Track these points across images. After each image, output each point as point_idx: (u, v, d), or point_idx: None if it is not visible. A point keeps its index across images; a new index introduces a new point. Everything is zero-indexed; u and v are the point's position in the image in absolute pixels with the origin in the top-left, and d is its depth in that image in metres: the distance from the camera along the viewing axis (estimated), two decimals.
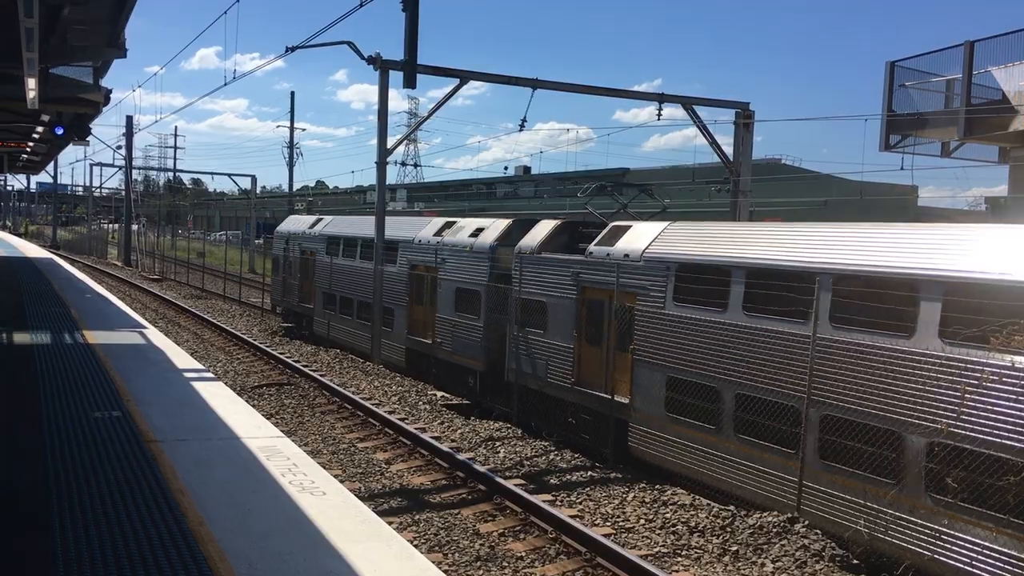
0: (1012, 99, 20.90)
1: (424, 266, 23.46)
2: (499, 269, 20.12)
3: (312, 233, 31.64)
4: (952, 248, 10.93)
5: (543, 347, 17.91)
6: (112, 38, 13.99)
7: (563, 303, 17.38)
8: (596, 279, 16.51)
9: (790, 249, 13.06)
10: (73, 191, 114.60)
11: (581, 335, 16.93)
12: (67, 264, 40.55)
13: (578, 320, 16.96)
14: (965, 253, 10.65)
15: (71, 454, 7.80)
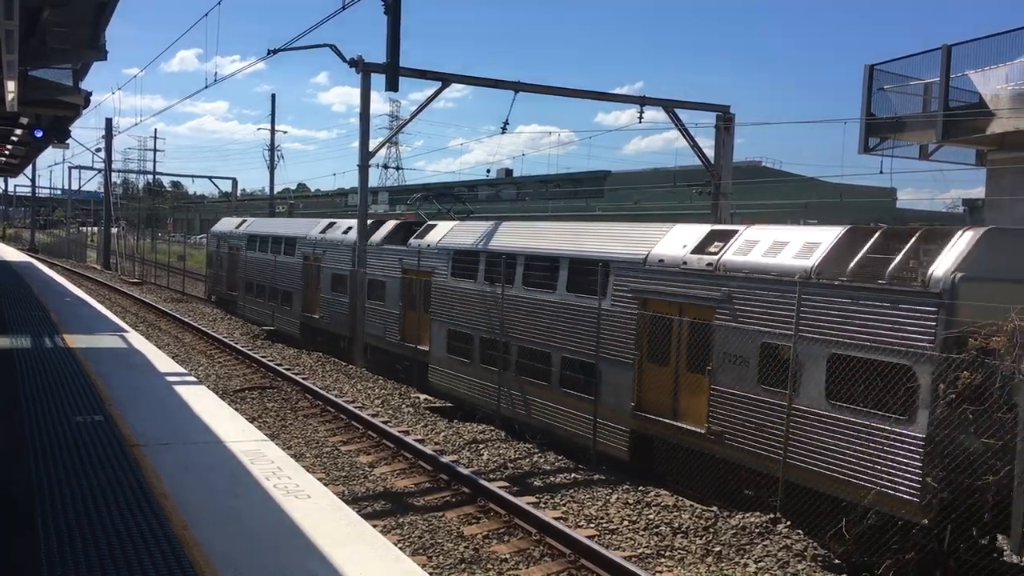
0: (989, 102, 21.12)
1: (313, 257, 29.37)
2: (361, 258, 25.69)
3: (237, 232, 37.82)
4: (635, 239, 16.10)
5: (382, 314, 24.24)
6: (92, 40, 13.90)
7: (393, 281, 23.64)
8: (411, 263, 22.58)
9: (517, 239, 19.33)
10: (52, 194, 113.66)
11: (404, 304, 23.00)
12: (46, 268, 40.22)
13: (402, 293, 23.11)
14: (644, 242, 15.69)
15: (53, 459, 7.75)
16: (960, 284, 10.78)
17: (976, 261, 11.02)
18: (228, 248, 38.35)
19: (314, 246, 29.36)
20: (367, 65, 24.13)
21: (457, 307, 20.28)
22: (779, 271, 12.85)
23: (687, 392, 14.28)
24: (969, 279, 10.81)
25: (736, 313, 13.32)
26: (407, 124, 49.12)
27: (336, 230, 28.58)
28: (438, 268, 21.23)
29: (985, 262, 11.06)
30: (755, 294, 13.09)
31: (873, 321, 11.37)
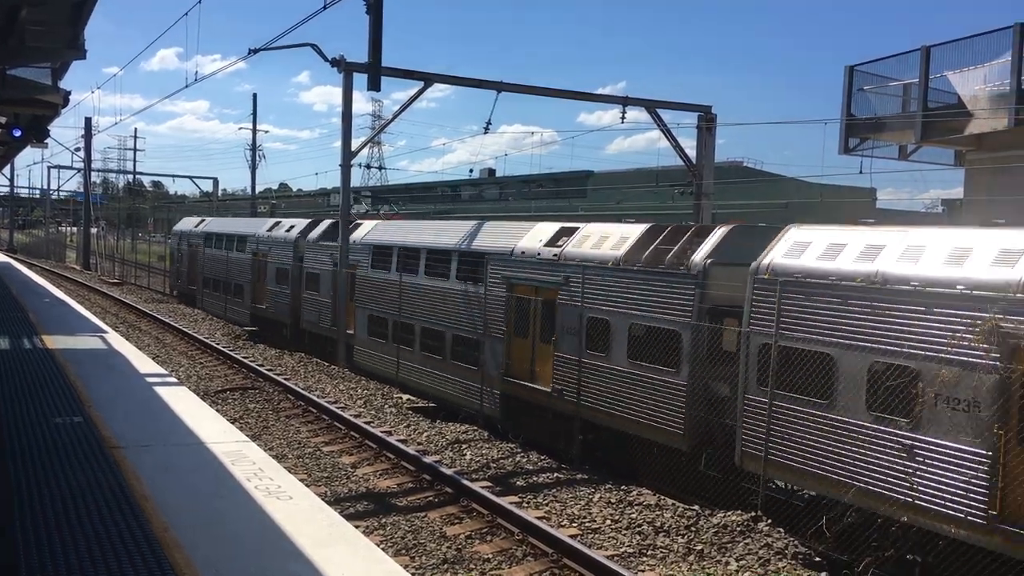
0: (967, 103, 21.31)
1: (260, 254, 32.48)
2: (300, 254, 29.31)
3: (196, 231, 41.32)
4: (507, 235, 19.32)
5: (317, 303, 27.52)
6: (71, 39, 13.79)
7: (326, 274, 26.89)
8: (338, 257, 25.72)
9: (422, 236, 22.87)
10: (31, 194, 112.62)
11: (335, 294, 25.97)
12: (24, 268, 39.88)
13: (332, 284, 26.19)
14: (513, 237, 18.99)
15: (32, 461, 7.69)
16: (710, 268, 14.22)
17: (723, 250, 14.31)
18: (188, 245, 41.66)
19: (261, 243, 32.68)
20: (349, 65, 24.06)
21: (376, 295, 23.81)
22: (599, 259, 16.23)
23: (540, 360, 17.53)
24: (717, 264, 14.18)
25: (572, 294, 16.62)
26: (389, 124, 48.96)
27: (280, 228, 31.96)
28: (361, 261, 24.60)
29: (730, 251, 14.22)
30: (584, 278, 16.34)
31: (657, 297, 14.84)
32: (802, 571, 10.58)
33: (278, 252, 30.92)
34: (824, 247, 12.35)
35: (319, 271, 27.39)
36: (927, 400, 10.47)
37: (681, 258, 14.75)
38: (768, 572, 10.50)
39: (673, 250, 15.01)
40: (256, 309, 32.67)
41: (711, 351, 13.98)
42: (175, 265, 44.56)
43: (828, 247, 12.31)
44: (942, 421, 10.34)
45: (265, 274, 31.97)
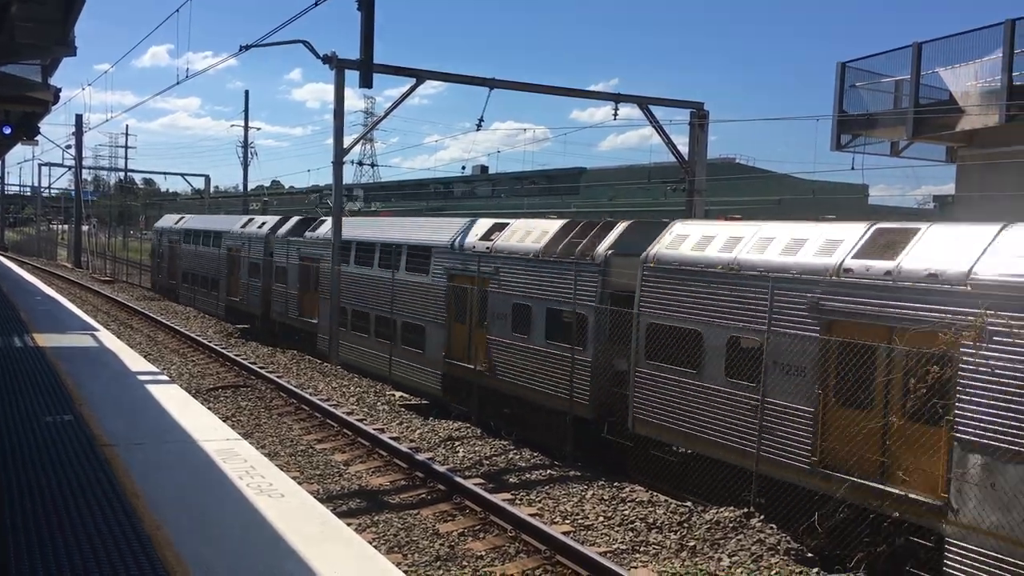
0: (959, 99, 21.35)
1: (234, 249, 34.45)
2: (270, 249, 31.40)
3: (176, 228, 43.47)
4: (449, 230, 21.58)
5: (284, 295, 29.81)
6: (61, 36, 13.70)
7: (293, 267, 29.06)
8: (304, 251, 28.38)
9: (377, 232, 25.60)
10: (22, 191, 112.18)
11: (300, 286, 28.51)
12: (15, 266, 39.71)
13: (300, 277, 28.51)
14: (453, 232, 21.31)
15: (22, 459, 7.65)
16: (611, 258, 16.29)
17: (623, 243, 16.26)
18: (168, 242, 43.96)
19: (234, 239, 34.90)
20: (341, 61, 24.00)
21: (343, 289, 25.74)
22: (523, 252, 18.32)
23: (476, 343, 19.44)
24: (617, 255, 16.20)
25: (501, 283, 18.63)
26: (381, 121, 48.90)
27: (252, 225, 34.16)
28: (324, 255, 26.51)
29: (629, 244, 16.06)
30: (510, 268, 18.41)
31: (568, 284, 16.77)
32: (794, 567, 10.60)
33: (250, 248, 33.20)
34: (698, 239, 14.31)
35: (286, 265, 29.78)
36: (769, 367, 12.39)
37: (588, 250, 16.75)
38: (760, 568, 10.52)
39: (583, 243, 17.03)
40: (231, 302, 34.90)
41: (613, 331, 15.94)
42: (156, 260, 46.85)
43: (701, 239, 14.26)
44: (780, 384, 12.29)
45: (239, 268, 34.17)
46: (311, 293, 27.66)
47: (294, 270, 29.04)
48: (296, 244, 29.19)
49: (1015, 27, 19.57)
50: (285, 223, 31.45)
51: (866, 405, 11.41)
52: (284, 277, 29.97)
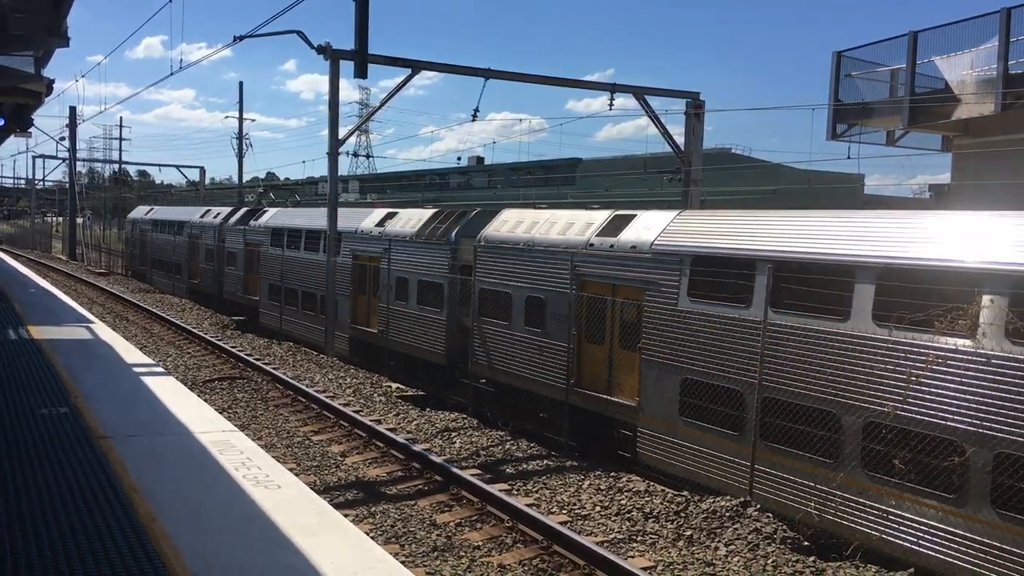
0: (954, 88, 21.35)
1: (194, 237, 38.97)
2: (222, 237, 35.55)
3: (146, 218, 47.87)
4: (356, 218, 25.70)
5: (235, 277, 34.15)
6: (54, 26, 13.62)
7: (239, 252, 33.55)
8: (248, 238, 32.71)
9: (304, 220, 29.04)
10: (16, 184, 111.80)
11: (247, 268, 32.81)
12: (10, 259, 39.59)
13: (246, 260, 32.93)
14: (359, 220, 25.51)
15: (17, 451, 7.63)
16: (459, 239, 20.76)
17: (469, 227, 20.51)
18: (140, 231, 48.51)
19: (194, 228, 39.30)
20: (335, 52, 23.90)
21: (271, 268, 30.16)
22: (404, 235, 22.73)
23: (372, 310, 23.96)
24: (464, 236, 20.55)
25: (391, 260, 22.83)
26: (377, 111, 48.76)
27: (209, 216, 38.37)
28: (263, 241, 31.20)
29: (473, 227, 20.14)
30: (395, 248, 22.76)
31: (431, 259, 21.38)
32: (791, 555, 10.62)
33: (207, 235, 37.56)
34: (513, 223, 18.59)
35: (235, 250, 34.26)
36: (548, 317, 16.92)
37: (444, 233, 21.25)
38: (757, 556, 10.54)
39: (442, 227, 21.47)
40: (191, 284, 39.45)
41: (463, 296, 19.99)
42: (129, 248, 52.10)
43: (515, 223, 18.54)
44: (555, 329, 16.80)
45: (198, 254, 38.60)
46: (254, 275, 32.20)
47: (240, 255, 33.66)
48: (242, 232, 33.64)
49: (1011, 16, 19.55)
50: (235, 214, 35.70)
51: (600, 341, 15.94)
52: (233, 261, 34.46)
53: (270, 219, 31.80)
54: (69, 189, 67.23)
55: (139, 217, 50.00)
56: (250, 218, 33.80)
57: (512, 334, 17.83)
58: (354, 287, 24.70)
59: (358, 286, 24.72)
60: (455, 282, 20.43)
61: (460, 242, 20.61)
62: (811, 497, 11.46)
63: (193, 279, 39.15)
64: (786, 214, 13.83)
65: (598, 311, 15.80)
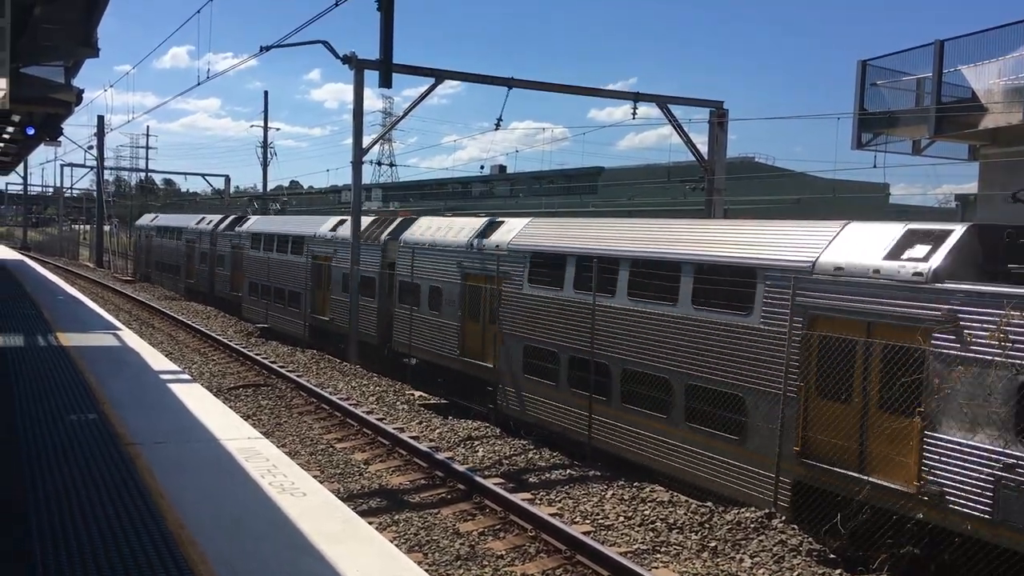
0: (981, 97, 21.13)
1: (191, 241, 43.44)
2: (214, 242, 40.17)
3: (151, 225, 53.05)
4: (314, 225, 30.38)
5: (223, 276, 38.94)
6: (84, 37, 13.80)
7: (227, 255, 38.33)
8: (234, 242, 37.35)
9: (278, 227, 33.84)
10: (45, 191, 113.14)
11: (232, 268, 37.70)
12: (38, 266, 40.06)
13: (232, 262, 37.64)
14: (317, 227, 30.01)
15: (47, 457, 7.72)
16: (387, 241, 24.41)
17: (397, 231, 24.26)
18: (145, 237, 53.46)
19: (190, 234, 43.91)
20: (360, 62, 24.06)
21: (252, 268, 34.49)
22: (341, 239, 26.91)
23: (324, 302, 27.97)
24: (390, 239, 24.24)
25: (338, 259, 26.77)
26: (400, 121, 48.97)
27: (203, 223, 42.74)
28: (246, 245, 35.49)
29: (399, 231, 24.16)
30: (342, 250, 26.36)
31: (368, 259, 24.87)
32: (817, 568, 10.53)
33: (201, 240, 42.05)
34: (425, 227, 22.94)
35: (224, 253, 38.90)
36: (444, 302, 20.95)
37: (377, 236, 25.05)
38: (783, 569, 10.46)
39: (376, 232, 25.30)
40: (188, 283, 43.89)
41: (389, 288, 24.01)
42: (137, 252, 56.55)
43: (426, 228, 22.88)
44: (447, 312, 20.82)
45: (195, 256, 42.94)
46: (239, 273, 36.62)
47: (228, 257, 38.35)
48: (229, 237, 38.32)
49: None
50: (224, 221, 40.48)
51: (478, 319, 19.81)
52: (223, 263, 39.05)
53: (251, 226, 36.79)
54: (96, 197, 67.98)
55: (144, 224, 55.08)
56: (236, 225, 38.60)
57: (420, 316, 22.01)
58: (314, 283, 28.78)
59: (316, 281, 28.64)
60: (384, 276, 24.13)
61: (388, 244, 24.34)
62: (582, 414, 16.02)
63: (189, 279, 43.76)
64: (593, 222, 19.67)
65: (476, 296, 19.85)
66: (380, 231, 25.19)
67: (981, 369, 9.85)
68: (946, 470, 10.18)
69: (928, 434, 10.38)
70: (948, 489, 10.13)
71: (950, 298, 10.29)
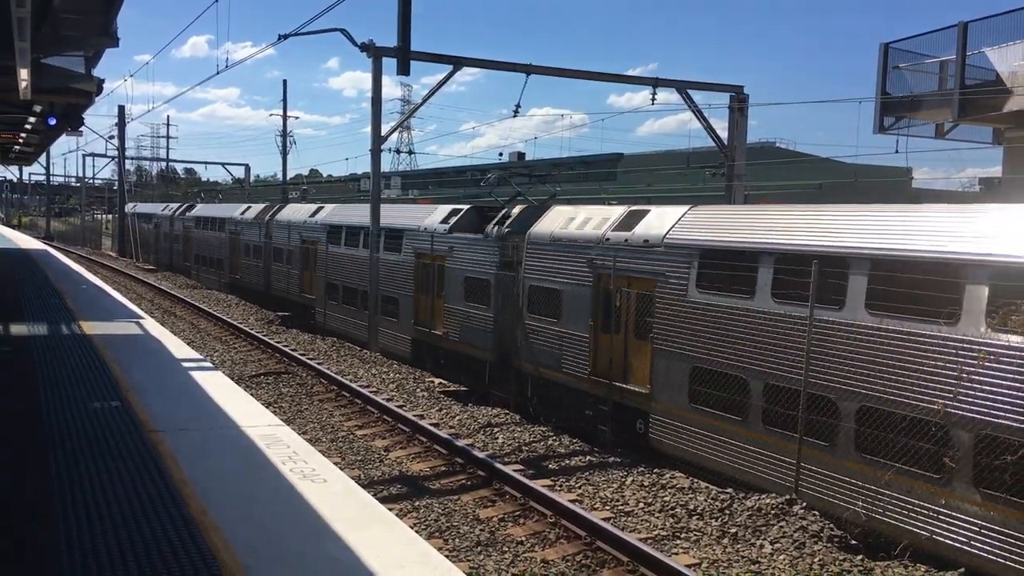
0: (1006, 80, 20.89)
1: (159, 224, 55.85)
2: (174, 224, 52.52)
3: (132, 211, 65.22)
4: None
5: (178, 251, 51.50)
6: (104, 27, 13.87)
7: (180, 235, 51.12)
8: (185, 224, 49.61)
9: (222, 212, 45.25)
10: (67, 181, 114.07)
11: (184, 246, 50.07)
12: (61, 255, 40.41)
13: (183, 241, 50.28)
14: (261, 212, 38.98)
15: (71, 443, 7.80)
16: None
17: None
18: (129, 221, 64.61)
19: (159, 219, 56.16)
20: (378, 49, 24.03)
21: (199, 246, 46.20)
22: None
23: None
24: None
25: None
26: (419, 108, 48.91)
27: (167, 210, 55.01)
28: (192, 227, 47.37)
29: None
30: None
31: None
32: (838, 554, 10.50)
33: (164, 223, 54.87)
34: (332, 211, 29.43)
35: (177, 234, 50.95)
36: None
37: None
38: (803, 555, 10.44)
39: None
40: (156, 257, 55.85)
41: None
42: (123, 233, 67.18)
43: (332, 211, 29.67)
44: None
45: (160, 236, 55.67)
46: (188, 250, 48.09)
47: (182, 237, 49.87)
48: (182, 220, 49.81)
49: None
50: (181, 207, 52.17)
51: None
52: (179, 241, 50.66)
53: (196, 211, 49.03)
54: (118, 187, 68.47)
55: (128, 211, 66.97)
56: (188, 211, 50.11)
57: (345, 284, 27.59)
58: (302, 264, 32.75)
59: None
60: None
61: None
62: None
63: (158, 254, 56.10)
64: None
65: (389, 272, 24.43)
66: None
67: None
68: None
69: None
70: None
71: None
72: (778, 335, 12.61)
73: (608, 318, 16.32)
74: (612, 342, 16.13)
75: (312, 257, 31.04)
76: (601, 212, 17.47)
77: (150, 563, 5.34)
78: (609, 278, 16.09)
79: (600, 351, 16.54)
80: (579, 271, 16.97)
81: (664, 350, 14.73)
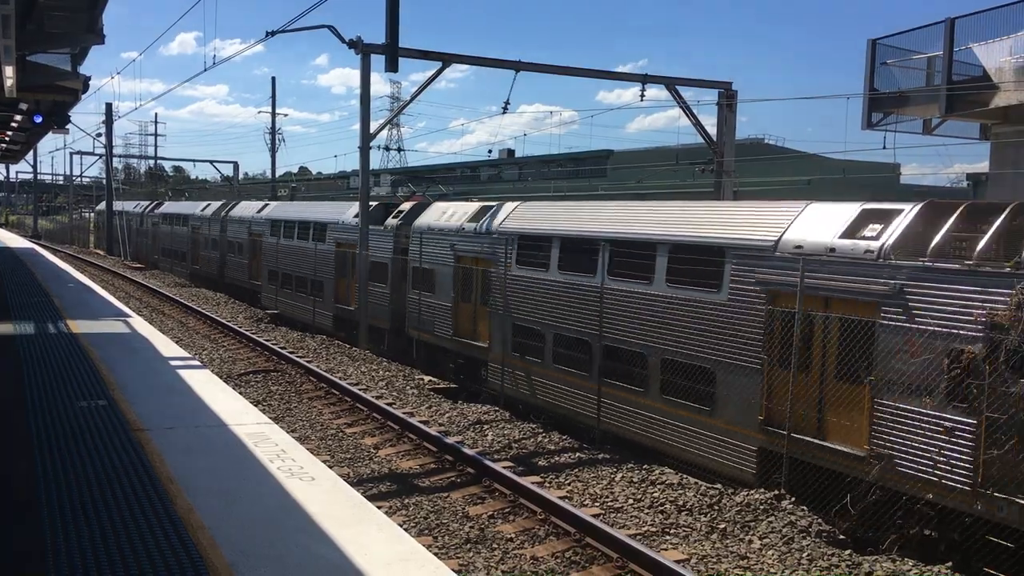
0: (993, 75, 20.96)
1: (129, 219, 59.79)
2: (145, 220, 57.29)
3: (100, 209, 69.78)
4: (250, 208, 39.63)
5: (146, 244, 56.98)
6: (90, 24, 13.81)
7: (149, 230, 55.83)
8: (152, 220, 55.29)
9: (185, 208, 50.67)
10: (55, 180, 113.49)
11: (152, 240, 55.23)
12: (49, 254, 40.22)
13: (152, 236, 55.13)
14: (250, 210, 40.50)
15: (57, 443, 7.76)
16: (266, 218, 33.09)
17: (273, 210, 34.96)
18: (96, 216, 71.56)
19: (128, 214, 61.21)
20: (366, 46, 23.98)
21: (165, 240, 50.22)
22: (274, 218, 32.89)
23: (254, 268, 34.58)
24: (265, 216, 34.05)
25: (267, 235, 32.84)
26: (408, 105, 48.91)
27: (136, 207, 61.20)
28: (159, 223, 52.12)
29: (278, 211, 32.92)
30: (268, 228, 32.79)
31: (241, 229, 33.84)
32: (826, 549, 10.53)
33: (132, 219, 60.08)
34: (279, 208, 31.47)
35: (148, 230, 55.60)
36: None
37: (261, 212, 30.13)
38: (792, 550, 10.47)
39: (263, 211, 30.83)
40: (125, 249, 59.49)
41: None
42: (95, 229, 73.93)
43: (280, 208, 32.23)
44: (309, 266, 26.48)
45: (131, 231, 60.10)
46: (156, 244, 52.70)
47: (150, 232, 54.76)
48: (150, 217, 55.21)
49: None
50: (149, 205, 58.23)
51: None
52: (146, 235, 55.88)
53: (164, 209, 54.13)
54: (106, 185, 68.14)
55: (96, 208, 75.09)
56: (155, 208, 55.53)
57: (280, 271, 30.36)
58: (251, 255, 35.95)
59: (252, 255, 35.92)
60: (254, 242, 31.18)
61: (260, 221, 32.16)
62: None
63: (127, 247, 60.04)
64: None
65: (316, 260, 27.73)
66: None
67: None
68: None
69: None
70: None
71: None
72: (563, 299, 16.96)
73: (465, 291, 20.54)
74: (467, 310, 20.42)
75: (259, 248, 35.20)
76: (463, 207, 21.53)
77: (136, 562, 5.32)
78: (464, 259, 20.40)
79: (460, 317, 20.69)
80: (444, 254, 21.12)
81: (496, 313, 18.89)
